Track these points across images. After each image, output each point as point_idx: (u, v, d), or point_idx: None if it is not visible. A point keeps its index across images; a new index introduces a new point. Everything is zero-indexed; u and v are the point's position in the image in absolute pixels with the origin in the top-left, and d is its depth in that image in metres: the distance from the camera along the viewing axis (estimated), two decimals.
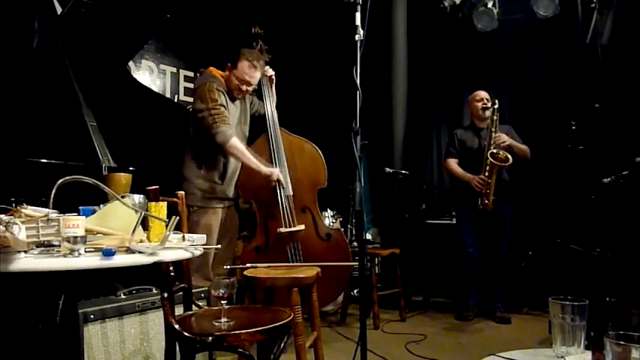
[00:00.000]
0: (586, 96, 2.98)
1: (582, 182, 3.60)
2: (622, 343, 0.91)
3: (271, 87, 3.37)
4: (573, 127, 3.17)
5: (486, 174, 3.67)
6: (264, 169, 2.99)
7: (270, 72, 3.35)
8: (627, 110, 4.18)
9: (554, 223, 4.22)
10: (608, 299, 2.72)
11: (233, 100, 3.07)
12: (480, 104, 3.86)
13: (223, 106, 2.90)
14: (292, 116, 3.54)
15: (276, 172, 3.03)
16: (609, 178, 3.00)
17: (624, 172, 3.01)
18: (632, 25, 3.94)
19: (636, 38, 4.06)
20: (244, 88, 3.02)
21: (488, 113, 3.80)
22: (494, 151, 3.66)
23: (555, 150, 4.09)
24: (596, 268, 3.02)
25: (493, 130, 3.70)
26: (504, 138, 3.71)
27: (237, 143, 2.88)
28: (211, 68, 3.10)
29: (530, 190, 4.12)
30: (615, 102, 4.02)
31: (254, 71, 2.99)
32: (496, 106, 3.72)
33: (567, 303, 1.17)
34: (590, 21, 3.64)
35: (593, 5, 3.60)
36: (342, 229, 3.51)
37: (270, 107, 3.29)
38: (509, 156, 3.63)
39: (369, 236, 5.01)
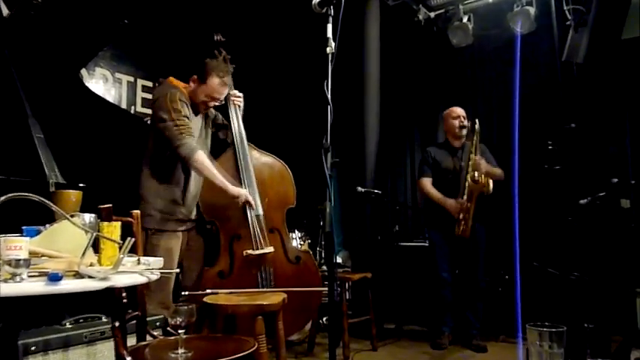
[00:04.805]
0: (562, 115, 3.08)
1: (559, 203, 3.70)
2: None
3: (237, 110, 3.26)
4: (550, 147, 3.26)
5: (465, 197, 3.72)
6: (232, 188, 2.91)
7: (238, 97, 3.25)
8: (604, 130, 4.35)
9: (530, 245, 4.31)
10: (586, 325, 2.78)
11: (196, 113, 3.06)
12: (456, 122, 3.92)
13: (187, 117, 2.86)
14: (259, 131, 3.53)
15: (243, 193, 2.95)
16: (586, 199, 3.10)
17: (601, 194, 3.12)
18: (608, 44, 4.12)
19: (612, 56, 4.25)
20: (211, 104, 3.02)
21: (464, 132, 3.88)
22: (476, 175, 3.68)
23: (532, 170, 4.20)
24: (574, 293, 3.09)
25: (472, 151, 3.74)
26: (483, 164, 3.71)
27: (203, 157, 2.81)
28: (171, 78, 3.07)
29: (505, 211, 4.21)
30: (592, 122, 4.17)
31: (224, 89, 3.00)
32: (477, 127, 3.74)
33: (545, 330, 1.20)
34: (566, 39, 3.80)
35: (568, 23, 3.75)
36: (311, 252, 3.49)
37: (236, 121, 3.23)
38: (490, 181, 3.66)
39: (339, 259, 5.02)
